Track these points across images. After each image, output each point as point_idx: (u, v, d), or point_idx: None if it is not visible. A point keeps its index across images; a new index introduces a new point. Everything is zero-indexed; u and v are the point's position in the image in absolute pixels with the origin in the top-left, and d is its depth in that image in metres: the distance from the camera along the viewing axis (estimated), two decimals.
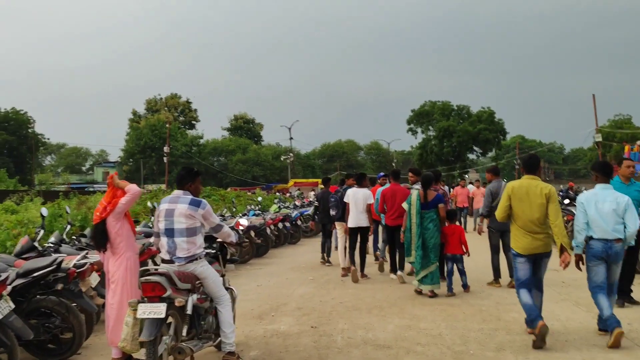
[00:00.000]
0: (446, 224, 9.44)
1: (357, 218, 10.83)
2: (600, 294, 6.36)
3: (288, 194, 41.55)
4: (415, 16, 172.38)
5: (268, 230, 15.46)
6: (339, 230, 11.57)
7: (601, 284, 6.41)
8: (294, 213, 19.14)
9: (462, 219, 20.42)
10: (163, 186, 46.21)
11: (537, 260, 6.49)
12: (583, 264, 6.53)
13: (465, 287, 9.32)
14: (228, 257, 6.40)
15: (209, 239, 6.13)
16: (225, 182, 74.84)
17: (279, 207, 21.39)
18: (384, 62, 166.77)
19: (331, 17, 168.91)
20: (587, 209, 6.49)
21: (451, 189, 24.04)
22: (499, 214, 6.68)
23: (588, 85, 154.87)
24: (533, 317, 6.20)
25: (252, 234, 13.84)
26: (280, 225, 17.29)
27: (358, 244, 11.05)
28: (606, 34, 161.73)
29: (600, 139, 39.47)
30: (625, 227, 6.39)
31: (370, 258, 12.10)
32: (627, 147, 65.17)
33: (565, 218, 14.25)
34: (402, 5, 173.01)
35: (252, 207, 19.32)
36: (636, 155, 69.12)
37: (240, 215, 17.37)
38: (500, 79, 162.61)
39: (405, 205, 9.35)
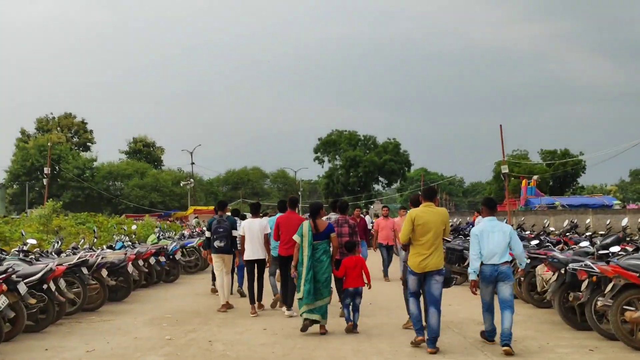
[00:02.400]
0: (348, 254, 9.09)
1: (253, 250, 10.69)
2: (487, 311, 7.64)
3: (186, 223, 38.83)
4: (320, 48, 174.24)
5: (131, 268, 12.77)
6: (226, 263, 11.05)
7: (490, 302, 7.59)
8: (172, 245, 16.43)
9: (386, 259, 15.75)
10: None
11: (429, 277, 7.41)
12: (478, 288, 7.53)
13: (355, 327, 8.66)
14: None
15: None
16: (120, 208, 70.31)
17: (158, 237, 18.68)
18: (288, 90, 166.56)
19: (234, 43, 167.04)
20: (480, 239, 7.41)
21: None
22: (403, 237, 7.57)
23: (489, 121, 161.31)
24: (417, 327, 7.55)
25: (104, 273, 11.07)
26: (152, 260, 14.63)
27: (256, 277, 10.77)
28: (508, 74, 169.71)
29: (507, 170, 39.14)
30: (511, 250, 7.48)
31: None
32: (524, 182, 67.20)
33: None
34: (305, 35, 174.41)
35: (122, 237, 16.42)
36: (533, 190, 71.13)
37: (102, 247, 14.59)
38: (405, 112, 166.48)
39: (296, 237, 8.89)
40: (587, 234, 14.69)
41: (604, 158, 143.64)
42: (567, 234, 17.11)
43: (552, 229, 19.09)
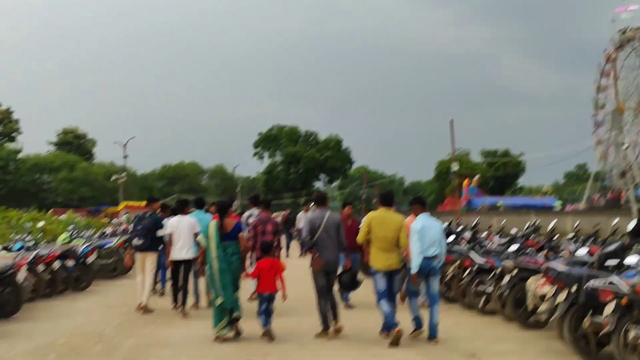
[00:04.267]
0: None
1: (179, 249, 10.12)
2: (413, 299, 8.13)
3: (114, 219, 36.02)
4: (261, 42, 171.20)
5: (24, 274, 10.23)
6: (147, 263, 10.39)
7: (419, 292, 8.24)
8: (84, 246, 13.84)
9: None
10: None
11: (391, 275, 7.98)
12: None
13: (269, 333, 8.02)
14: None
15: None
16: (46, 203, 65.93)
17: (71, 236, 16.05)
18: (227, 84, 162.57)
19: (168, 34, 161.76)
20: (421, 235, 7.86)
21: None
22: (360, 237, 8.12)
23: (431, 121, 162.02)
24: (390, 324, 7.81)
25: None
26: (57, 264, 12.11)
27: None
28: (450, 75, 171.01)
29: (457, 168, 37.82)
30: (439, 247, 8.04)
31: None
32: (466, 181, 66.83)
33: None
34: (244, 29, 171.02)
35: (23, 236, 13.65)
36: (474, 190, 70.81)
37: None
38: (347, 110, 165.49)
39: (201, 238, 8.55)
40: (569, 236, 13.03)
41: (546, 160, 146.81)
42: (530, 236, 15.53)
43: (515, 229, 17.47)
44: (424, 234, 7.84)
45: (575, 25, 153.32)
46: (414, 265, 7.80)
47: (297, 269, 12.70)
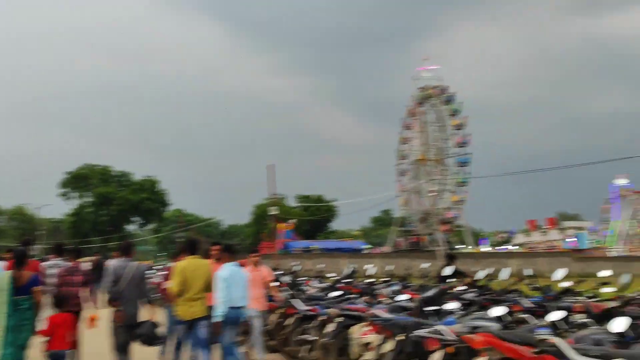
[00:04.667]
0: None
1: None
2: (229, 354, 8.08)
3: None
4: (71, 82, 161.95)
5: None
6: None
7: (228, 344, 8.07)
8: None
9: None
10: None
11: (196, 323, 7.78)
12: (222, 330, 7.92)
13: None
14: None
15: None
16: None
17: None
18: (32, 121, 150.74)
19: None
20: (229, 284, 7.94)
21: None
22: (175, 289, 7.86)
23: (249, 166, 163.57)
24: None
25: None
26: None
27: None
28: (267, 122, 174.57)
29: (276, 212, 38.02)
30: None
31: None
32: (282, 225, 67.97)
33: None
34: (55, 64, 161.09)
35: None
36: (290, 233, 72.14)
37: None
38: (163, 153, 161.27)
39: None
40: (384, 279, 13.42)
41: (355, 205, 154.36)
42: (347, 280, 15.91)
43: (334, 274, 17.80)
44: (231, 283, 7.92)
45: (383, 80, 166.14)
46: (218, 314, 7.78)
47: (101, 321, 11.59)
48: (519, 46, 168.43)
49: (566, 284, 9.35)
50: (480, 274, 10.48)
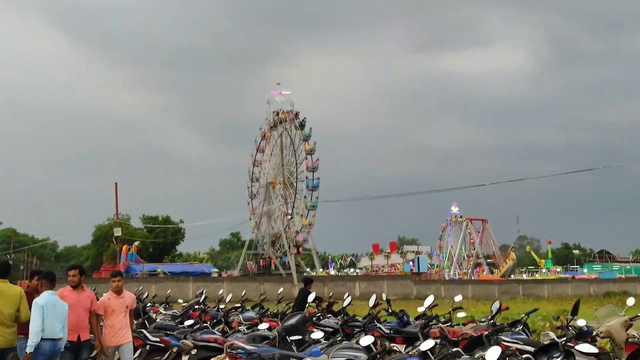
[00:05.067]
0: None
1: None
2: None
3: None
4: None
5: None
6: None
7: None
8: None
9: None
10: None
11: (5, 354, 7.33)
12: None
13: None
14: None
15: None
16: None
17: None
18: None
19: None
20: (45, 312, 7.29)
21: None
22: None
23: (90, 185, 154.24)
24: None
25: None
26: None
27: None
28: (111, 139, 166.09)
29: (119, 234, 35.86)
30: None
31: None
32: (125, 247, 64.68)
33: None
34: None
35: None
36: (133, 256, 68.89)
37: None
38: None
39: None
40: (237, 305, 12.92)
41: (204, 228, 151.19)
42: (197, 306, 15.21)
43: (181, 300, 16.93)
44: (49, 312, 7.36)
45: (234, 103, 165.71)
46: (31, 344, 7.20)
47: None
48: (368, 77, 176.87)
49: (421, 309, 9.50)
50: (347, 301, 10.38)
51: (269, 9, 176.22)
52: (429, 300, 9.46)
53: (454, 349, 5.57)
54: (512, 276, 67.69)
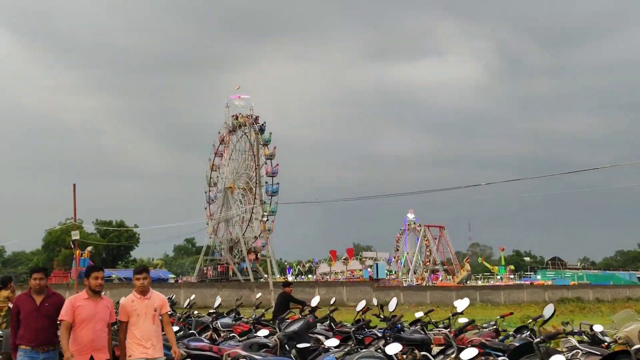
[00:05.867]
0: None
1: None
2: None
3: None
4: None
5: None
6: None
7: None
8: None
9: None
10: None
11: None
12: None
13: None
14: None
15: None
16: None
17: None
18: None
19: None
20: None
21: None
22: None
23: (37, 189, 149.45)
24: None
25: None
26: None
27: None
28: (58, 144, 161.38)
29: (77, 237, 34.52)
30: None
31: None
32: (77, 252, 62.75)
33: None
34: None
35: None
36: (86, 261, 67.05)
37: None
38: None
39: None
40: (211, 311, 12.44)
41: (159, 233, 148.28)
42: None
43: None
44: None
45: (190, 107, 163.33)
46: None
47: None
48: (324, 85, 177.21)
49: (419, 314, 9.26)
50: (360, 305, 10.01)
51: (223, 15, 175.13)
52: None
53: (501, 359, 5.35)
54: (468, 283, 68.56)
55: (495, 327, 8.53)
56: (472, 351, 5.41)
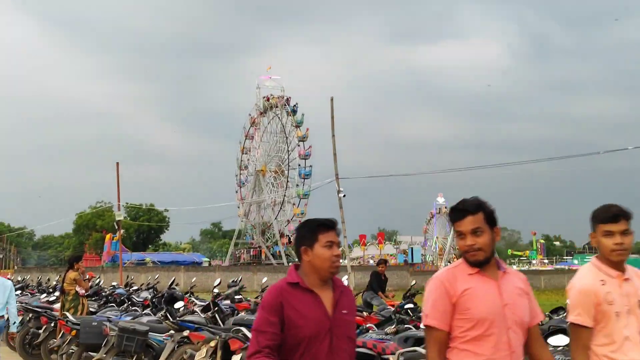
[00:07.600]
0: None
1: None
2: None
3: None
4: None
5: None
6: None
7: None
8: None
9: None
10: None
11: None
12: None
13: None
14: None
15: None
16: None
17: None
18: None
19: None
20: None
21: None
22: None
23: (69, 173, 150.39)
24: None
25: None
26: None
27: None
28: (83, 129, 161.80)
29: (121, 218, 33.77)
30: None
31: None
32: (108, 236, 62.45)
33: None
34: None
35: None
36: (117, 245, 66.57)
37: None
38: None
39: None
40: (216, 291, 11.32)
41: (187, 217, 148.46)
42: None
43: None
44: None
45: (217, 92, 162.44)
46: None
47: None
48: (345, 68, 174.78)
49: None
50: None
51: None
52: None
53: None
54: None
55: None
56: None
